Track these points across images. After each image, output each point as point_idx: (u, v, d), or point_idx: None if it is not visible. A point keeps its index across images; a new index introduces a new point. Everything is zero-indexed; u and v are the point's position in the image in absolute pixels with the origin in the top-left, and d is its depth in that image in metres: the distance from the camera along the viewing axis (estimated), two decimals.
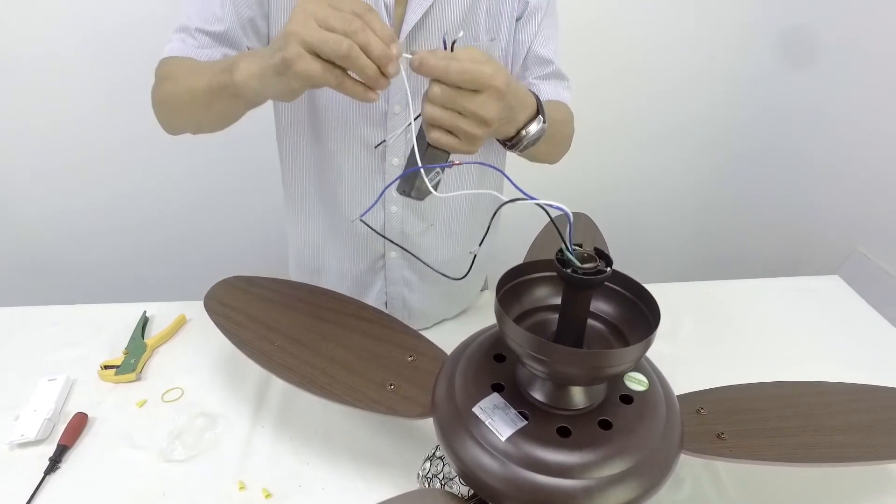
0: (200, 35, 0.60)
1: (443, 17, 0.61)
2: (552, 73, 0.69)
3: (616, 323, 0.50)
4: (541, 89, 0.69)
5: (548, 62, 0.68)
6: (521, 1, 0.65)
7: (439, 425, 0.50)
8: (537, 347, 0.42)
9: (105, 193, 1.32)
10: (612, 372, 0.43)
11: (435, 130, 0.44)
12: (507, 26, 0.66)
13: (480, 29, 0.64)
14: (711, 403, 0.58)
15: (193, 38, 0.60)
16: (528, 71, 0.69)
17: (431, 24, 0.61)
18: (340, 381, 0.58)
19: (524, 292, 0.51)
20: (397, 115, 0.65)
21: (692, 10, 1.24)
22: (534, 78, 0.69)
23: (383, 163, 0.69)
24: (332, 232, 0.76)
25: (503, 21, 0.65)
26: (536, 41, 0.67)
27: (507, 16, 0.65)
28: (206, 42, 0.60)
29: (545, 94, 0.68)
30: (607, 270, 0.41)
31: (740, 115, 1.41)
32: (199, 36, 0.60)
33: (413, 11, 0.60)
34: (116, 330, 0.83)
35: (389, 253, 0.76)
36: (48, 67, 1.15)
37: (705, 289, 0.98)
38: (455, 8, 0.62)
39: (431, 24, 0.61)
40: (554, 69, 0.69)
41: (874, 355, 0.84)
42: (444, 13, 0.61)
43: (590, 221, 0.83)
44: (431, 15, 0.61)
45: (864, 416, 0.59)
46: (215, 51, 0.60)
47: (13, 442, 0.66)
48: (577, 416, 0.47)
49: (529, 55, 0.68)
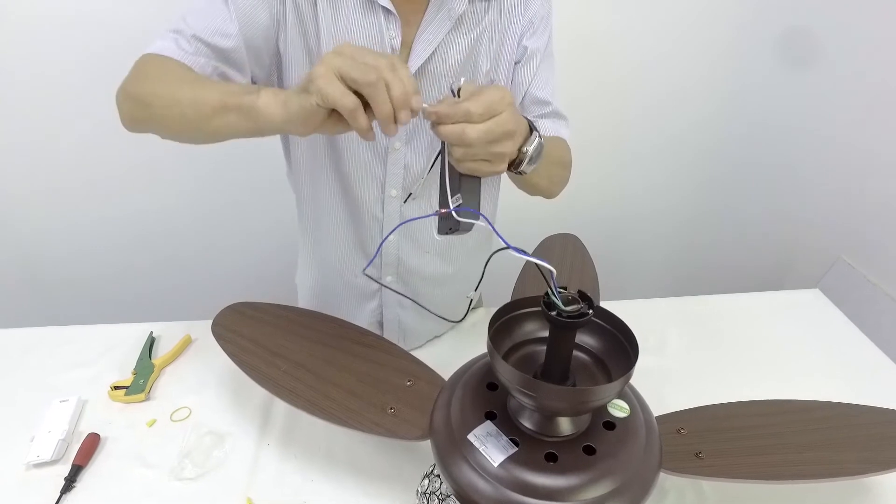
0: (198, 43, 0.58)
1: (445, 62, 0.65)
2: (550, 113, 0.72)
3: (600, 355, 0.54)
4: (540, 126, 0.71)
5: (546, 103, 0.72)
6: (520, 46, 0.69)
7: (437, 450, 0.54)
8: (525, 384, 0.45)
9: (108, 210, 1.34)
10: (594, 405, 0.47)
11: (468, 163, 0.47)
12: (506, 69, 0.69)
13: (480, 71, 0.67)
14: (691, 423, 0.62)
15: (189, 43, 0.58)
16: (527, 111, 0.73)
17: (434, 68, 0.65)
18: (343, 405, 0.62)
19: (515, 326, 0.55)
20: (397, 150, 0.69)
21: (674, 30, 1.27)
22: (532, 117, 0.72)
23: (382, 193, 0.72)
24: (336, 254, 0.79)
25: (502, 64, 0.69)
26: (534, 84, 0.70)
27: (507, 59, 0.69)
28: (203, 51, 0.59)
29: (545, 131, 0.71)
30: (589, 313, 0.45)
31: (724, 131, 1.44)
32: (196, 44, 0.58)
33: (417, 56, 0.63)
34: (125, 349, 0.86)
35: (385, 277, 0.80)
36: (53, 82, 1.16)
37: (691, 304, 1.02)
38: (456, 53, 0.65)
39: (434, 68, 0.65)
40: (552, 109, 0.72)
41: (851, 369, 0.88)
42: (446, 58, 0.65)
43: (578, 243, 0.87)
44: (434, 59, 0.64)
45: (836, 434, 0.63)
46: (209, 62, 0.59)
47: (30, 462, 0.69)
48: (563, 442, 0.51)
49: (527, 97, 0.71)
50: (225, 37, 0.59)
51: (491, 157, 0.48)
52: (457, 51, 0.65)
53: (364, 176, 0.70)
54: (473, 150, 0.46)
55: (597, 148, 1.40)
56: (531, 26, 0.68)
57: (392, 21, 0.62)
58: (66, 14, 1.08)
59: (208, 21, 0.58)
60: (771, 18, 1.29)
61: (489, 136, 0.45)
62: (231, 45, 0.59)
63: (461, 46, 0.65)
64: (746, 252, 1.64)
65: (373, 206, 0.73)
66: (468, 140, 0.45)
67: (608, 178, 1.46)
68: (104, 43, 1.12)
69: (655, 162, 1.46)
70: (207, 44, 0.58)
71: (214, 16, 0.58)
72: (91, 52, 1.13)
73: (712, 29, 1.28)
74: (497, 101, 0.46)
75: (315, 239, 0.80)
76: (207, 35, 0.58)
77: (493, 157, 0.48)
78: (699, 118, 1.41)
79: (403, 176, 0.70)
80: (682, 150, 1.46)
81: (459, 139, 0.45)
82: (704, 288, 1.17)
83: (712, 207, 1.57)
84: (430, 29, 0.63)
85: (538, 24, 0.69)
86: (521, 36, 0.69)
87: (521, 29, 0.68)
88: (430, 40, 0.63)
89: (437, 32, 0.63)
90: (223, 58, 0.60)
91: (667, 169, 1.48)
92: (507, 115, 0.47)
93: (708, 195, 1.55)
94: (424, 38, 0.63)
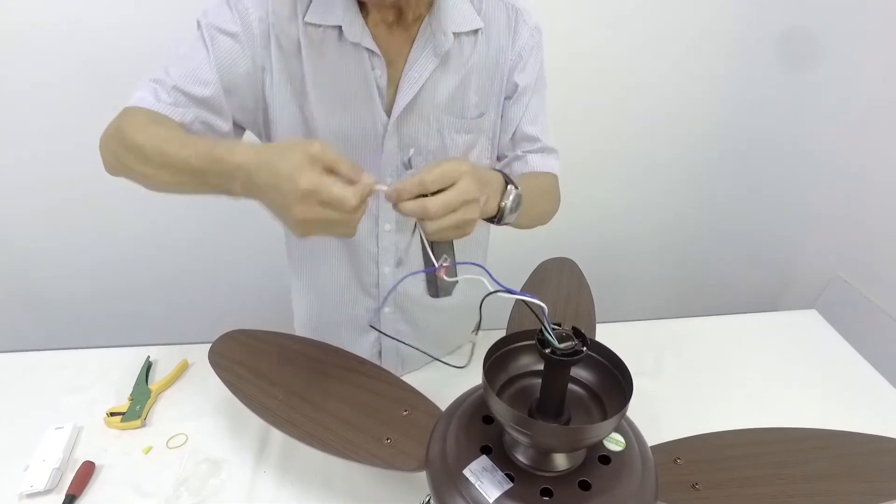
0: (177, 94, 0.58)
1: (433, 97, 0.65)
2: (540, 148, 0.73)
3: (594, 388, 0.54)
4: (529, 160, 0.72)
5: (535, 139, 0.72)
6: (510, 82, 0.69)
7: (432, 484, 0.54)
8: (520, 422, 0.46)
9: (103, 230, 1.34)
10: (589, 442, 0.47)
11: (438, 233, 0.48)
12: (496, 103, 0.69)
13: (469, 105, 0.67)
14: (688, 453, 0.62)
15: (168, 94, 0.58)
16: (517, 146, 0.73)
17: (422, 104, 0.65)
18: (340, 436, 0.62)
19: (510, 360, 0.55)
20: (388, 231, 0.71)
21: (670, 51, 1.29)
22: (522, 151, 0.73)
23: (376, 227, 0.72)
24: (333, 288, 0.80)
25: (492, 98, 0.69)
26: (524, 119, 0.71)
27: (496, 94, 0.69)
28: (182, 101, 0.58)
29: (534, 165, 0.72)
30: (583, 350, 0.45)
31: (719, 151, 1.45)
32: (175, 94, 0.58)
33: (404, 94, 0.63)
34: (121, 374, 0.86)
35: (384, 309, 0.80)
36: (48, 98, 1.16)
37: (687, 326, 1.02)
38: (444, 89, 0.65)
39: (422, 104, 0.65)
40: (541, 145, 0.72)
41: (849, 393, 0.88)
42: (434, 94, 0.65)
43: (575, 267, 0.87)
44: (421, 97, 0.64)
45: (832, 463, 0.62)
46: (188, 111, 0.59)
47: (23, 493, 0.68)
48: (558, 477, 0.51)
49: (518, 133, 0.72)
50: (203, 85, 0.58)
51: (456, 223, 0.48)
52: (445, 87, 0.65)
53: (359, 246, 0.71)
54: (438, 222, 0.46)
55: (592, 168, 1.41)
56: (520, 60, 0.68)
57: (377, 62, 0.61)
58: (63, 27, 1.08)
59: (187, 69, 0.58)
60: (766, 40, 1.30)
61: (449, 207, 0.46)
62: (209, 94, 0.59)
63: (449, 83, 0.65)
64: (743, 270, 1.64)
65: (367, 241, 0.73)
66: (430, 213, 0.46)
67: (603, 198, 1.47)
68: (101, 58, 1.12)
69: (651, 182, 1.47)
70: (186, 93, 0.58)
71: (194, 63, 0.58)
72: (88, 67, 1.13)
73: (708, 50, 1.30)
74: (452, 171, 0.46)
75: (309, 273, 0.80)
76: (186, 84, 0.58)
77: (459, 223, 0.48)
78: (694, 139, 1.42)
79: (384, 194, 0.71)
80: (678, 171, 1.47)
81: (422, 214, 0.46)
82: (701, 308, 1.18)
83: (708, 227, 1.57)
84: (416, 67, 0.62)
85: (527, 56, 0.68)
86: (511, 70, 0.68)
87: (511, 63, 0.68)
88: (416, 78, 0.63)
89: (423, 70, 0.63)
90: (203, 105, 0.60)
91: (662, 189, 1.49)
92: (464, 182, 0.47)
93: (704, 215, 1.55)
94: (410, 76, 0.62)
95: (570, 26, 1.19)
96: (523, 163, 0.72)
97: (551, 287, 0.82)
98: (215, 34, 0.59)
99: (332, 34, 0.61)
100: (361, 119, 0.64)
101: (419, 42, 0.62)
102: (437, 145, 0.68)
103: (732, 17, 1.26)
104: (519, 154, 0.73)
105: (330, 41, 0.61)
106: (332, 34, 0.61)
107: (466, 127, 0.68)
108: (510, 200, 0.56)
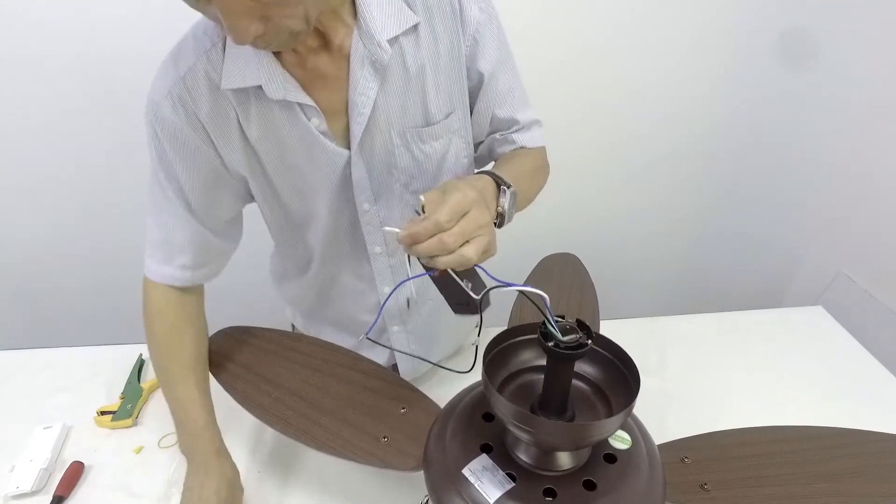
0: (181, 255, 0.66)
1: (388, 115, 0.60)
2: (519, 128, 0.68)
3: (599, 384, 0.51)
4: (513, 139, 0.68)
5: (513, 121, 0.67)
6: (473, 70, 0.63)
7: (431, 484, 0.52)
8: (522, 419, 0.43)
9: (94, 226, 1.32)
10: (594, 440, 0.45)
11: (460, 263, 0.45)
12: (461, 97, 0.63)
13: (434, 109, 0.62)
14: (696, 452, 0.59)
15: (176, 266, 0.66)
16: (497, 130, 0.69)
17: (379, 125, 0.60)
18: (336, 434, 0.60)
19: (511, 355, 0.53)
20: (367, 211, 0.66)
21: (672, 49, 1.27)
22: (502, 134, 0.68)
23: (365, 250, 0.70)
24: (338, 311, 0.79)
25: (454, 94, 0.63)
26: (496, 105, 0.66)
27: (459, 88, 0.63)
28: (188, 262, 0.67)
29: (519, 142, 0.68)
30: (588, 343, 0.43)
31: (723, 146, 1.44)
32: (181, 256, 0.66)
33: (356, 121, 0.58)
34: (112, 373, 0.84)
35: (392, 328, 0.77)
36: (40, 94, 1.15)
37: (692, 322, 1.00)
38: (397, 103, 0.60)
39: (379, 125, 0.60)
40: (520, 125, 0.68)
41: (856, 389, 0.86)
42: (388, 111, 0.60)
43: (578, 262, 0.85)
44: (376, 117, 0.59)
45: (846, 463, 0.60)
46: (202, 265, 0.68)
47: (8, 494, 0.66)
48: (562, 477, 0.49)
49: (494, 120, 0.67)
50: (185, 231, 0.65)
51: (483, 249, 0.46)
52: (398, 100, 0.59)
53: (341, 241, 0.69)
54: (460, 252, 0.45)
55: (595, 165, 1.39)
56: (476, 43, 0.61)
57: (311, 112, 0.57)
58: (55, 26, 1.07)
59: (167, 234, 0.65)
60: (775, 38, 1.29)
61: (465, 236, 0.45)
62: (205, 237, 0.66)
63: (401, 94, 0.59)
64: (747, 267, 1.62)
65: (362, 262, 0.71)
66: (448, 247, 0.44)
67: (607, 194, 1.45)
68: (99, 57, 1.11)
69: (654, 180, 1.45)
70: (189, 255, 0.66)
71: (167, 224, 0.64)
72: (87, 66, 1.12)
73: (709, 48, 1.28)
74: (461, 202, 0.45)
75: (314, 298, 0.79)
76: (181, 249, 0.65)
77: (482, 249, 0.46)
78: (697, 137, 1.41)
79: (384, 234, 0.68)
80: (681, 169, 1.45)
81: (440, 249, 0.44)
82: (705, 305, 1.16)
83: (711, 224, 1.56)
84: (358, 90, 0.57)
85: (483, 37, 0.61)
86: (470, 59, 0.62)
87: (468, 50, 0.61)
88: (364, 101, 0.57)
89: (367, 91, 0.57)
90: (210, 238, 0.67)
91: (665, 187, 1.47)
92: (474, 211, 0.46)
93: (707, 212, 1.54)
94: (356, 101, 0.57)
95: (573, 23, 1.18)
96: (509, 143, 0.68)
97: (553, 282, 0.80)
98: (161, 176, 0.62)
99: (256, 93, 0.56)
100: (321, 166, 0.61)
101: (354, 61, 0.56)
102: (408, 161, 0.63)
103: (732, 16, 1.25)
104: (498, 138, 0.68)
105: (257, 101, 0.57)
106: (257, 93, 0.56)
107: (435, 133, 0.63)
108: (507, 203, 0.54)
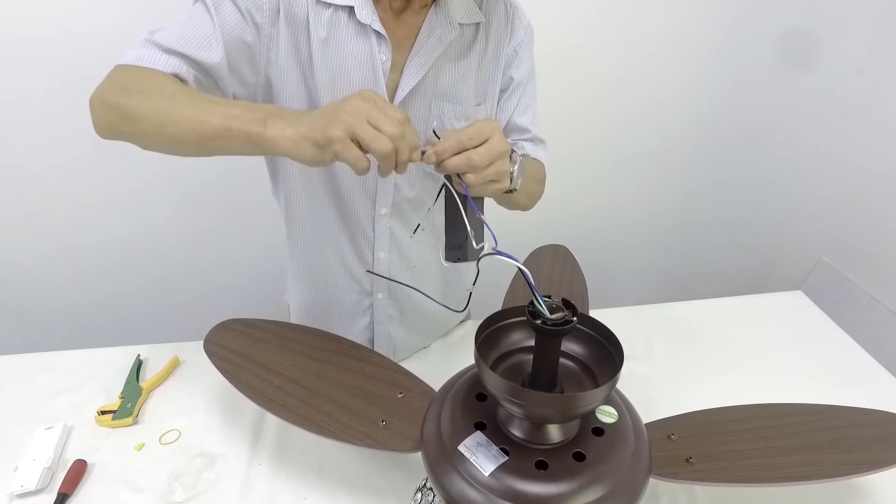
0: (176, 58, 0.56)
1: (436, 84, 0.67)
2: (530, 138, 0.77)
3: (586, 362, 0.54)
4: (520, 147, 0.76)
5: (526, 130, 0.76)
6: (507, 76, 0.72)
7: (428, 462, 0.54)
8: (513, 393, 0.46)
9: (92, 231, 1.33)
10: (581, 411, 0.47)
11: (479, 186, 0.52)
12: (493, 93, 0.73)
13: (469, 94, 0.70)
14: (682, 429, 0.62)
15: (167, 57, 0.55)
16: (510, 135, 0.77)
17: (425, 90, 0.66)
18: (335, 419, 0.62)
19: (502, 336, 0.55)
20: (383, 216, 0.73)
21: (658, 39, 1.31)
22: (513, 139, 0.76)
23: (373, 211, 0.73)
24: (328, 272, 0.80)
25: (489, 89, 0.72)
26: (517, 111, 0.75)
27: (493, 85, 0.72)
28: (181, 67, 0.56)
29: (526, 150, 0.77)
30: (573, 320, 0.46)
31: (707, 138, 1.48)
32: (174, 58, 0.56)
33: (408, 79, 0.65)
34: (111, 374, 0.85)
35: (377, 294, 0.80)
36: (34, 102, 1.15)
37: (677, 310, 1.03)
38: (446, 76, 0.67)
39: (425, 90, 0.66)
40: (531, 135, 0.77)
41: (835, 369, 0.90)
42: (437, 81, 0.67)
43: (568, 253, 0.88)
44: (425, 82, 0.66)
45: (821, 436, 0.63)
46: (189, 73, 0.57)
47: (13, 493, 0.67)
48: (553, 449, 0.51)
49: (510, 124, 0.76)
50: (207, 50, 0.56)
51: (496, 175, 0.52)
52: (447, 75, 0.67)
53: (357, 192, 0.72)
54: (482, 172, 0.51)
55: (583, 157, 1.43)
56: (516, 56, 0.72)
57: (384, 45, 0.63)
58: (43, 35, 1.08)
59: (190, 34, 0.56)
60: (755, 27, 1.33)
61: (490, 157, 0.50)
62: (213, 61, 0.57)
63: (451, 71, 0.67)
64: (731, 256, 1.66)
65: (364, 224, 0.74)
66: (475, 164, 0.50)
67: (594, 186, 1.49)
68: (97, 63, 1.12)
69: (640, 170, 1.49)
70: (187, 57, 0.56)
71: (197, 30, 0.56)
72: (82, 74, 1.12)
73: (696, 38, 1.32)
74: (483, 128, 0.51)
75: (305, 256, 0.80)
76: (189, 48, 0.56)
77: (498, 175, 0.53)
78: (682, 126, 1.45)
79: (393, 195, 0.72)
80: (666, 158, 1.49)
81: (468, 166, 0.50)
82: (690, 292, 1.19)
83: (697, 213, 1.60)
84: (421, 53, 0.64)
85: (522, 52, 0.72)
86: (507, 65, 0.72)
87: (508, 58, 0.71)
88: (422, 63, 0.65)
89: (428, 56, 0.65)
90: (204, 73, 0.58)
91: (651, 177, 1.51)
92: (496, 138, 0.52)
93: (692, 201, 1.58)
94: (416, 61, 0.64)
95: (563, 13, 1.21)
96: (518, 148, 0.76)
97: (544, 272, 0.83)
98: (220, 3, 0.57)
99: (341, 14, 0.61)
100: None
101: (425, 29, 0.64)
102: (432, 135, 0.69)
103: (714, 9, 1.29)
104: (510, 142, 0.75)
105: (339, 21, 0.62)
106: (342, 14, 0.61)
107: (465, 114, 0.70)
108: (517, 166, 0.58)
